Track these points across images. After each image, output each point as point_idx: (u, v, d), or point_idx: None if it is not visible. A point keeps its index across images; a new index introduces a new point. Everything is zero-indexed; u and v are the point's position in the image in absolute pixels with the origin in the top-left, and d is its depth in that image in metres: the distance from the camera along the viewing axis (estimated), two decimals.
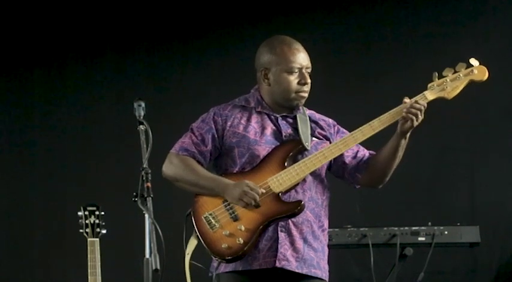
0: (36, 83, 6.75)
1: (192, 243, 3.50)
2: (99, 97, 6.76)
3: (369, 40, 6.18)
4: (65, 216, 7.69)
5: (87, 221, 4.68)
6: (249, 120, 3.53)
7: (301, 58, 3.49)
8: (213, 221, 3.42)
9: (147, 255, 3.28)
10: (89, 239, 4.73)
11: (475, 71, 3.42)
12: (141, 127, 3.24)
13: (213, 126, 3.53)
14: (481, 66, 3.44)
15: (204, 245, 3.43)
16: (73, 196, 7.59)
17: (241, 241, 3.37)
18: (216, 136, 3.52)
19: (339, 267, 5.95)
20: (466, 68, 3.44)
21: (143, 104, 3.26)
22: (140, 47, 6.56)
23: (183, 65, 6.54)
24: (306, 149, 3.46)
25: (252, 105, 3.56)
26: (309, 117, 3.56)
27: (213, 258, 3.45)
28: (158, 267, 3.09)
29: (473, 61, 3.43)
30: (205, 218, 3.43)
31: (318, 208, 3.48)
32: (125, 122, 7.56)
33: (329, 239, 5.28)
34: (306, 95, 3.52)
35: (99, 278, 4.76)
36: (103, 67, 6.65)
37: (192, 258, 3.48)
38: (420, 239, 5.15)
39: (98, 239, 4.73)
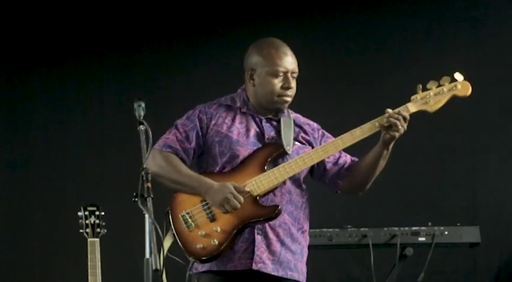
0: (36, 83, 6.75)
1: (168, 241, 3.49)
2: (100, 97, 6.76)
3: (361, 46, 6.18)
4: (65, 216, 7.69)
5: (87, 221, 4.68)
6: (233, 120, 3.52)
7: (288, 62, 3.48)
8: (189, 220, 3.41)
9: (147, 255, 3.28)
10: (89, 239, 4.72)
11: (459, 86, 3.44)
12: (141, 127, 3.24)
13: (197, 123, 3.52)
14: (465, 81, 3.45)
15: (180, 243, 3.43)
16: (73, 196, 7.59)
17: (216, 242, 3.37)
18: (200, 134, 3.51)
19: (339, 267, 5.96)
20: (450, 82, 3.45)
21: (143, 104, 3.25)
22: (140, 47, 6.57)
23: (183, 65, 6.54)
24: (286, 153, 3.46)
25: (237, 105, 3.56)
26: (294, 121, 3.56)
27: (188, 257, 3.45)
28: (158, 267, 3.09)
29: (458, 76, 3.44)
30: (182, 216, 3.43)
31: (297, 211, 3.47)
32: (125, 122, 7.57)
33: (329, 239, 5.35)
34: (289, 99, 3.51)
35: (99, 278, 4.75)
36: (103, 67, 6.65)
37: (168, 255, 3.48)
38: (420, 239, 5.15)
39: (98, 239, 4.72)
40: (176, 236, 3.43)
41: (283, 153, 3.46)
